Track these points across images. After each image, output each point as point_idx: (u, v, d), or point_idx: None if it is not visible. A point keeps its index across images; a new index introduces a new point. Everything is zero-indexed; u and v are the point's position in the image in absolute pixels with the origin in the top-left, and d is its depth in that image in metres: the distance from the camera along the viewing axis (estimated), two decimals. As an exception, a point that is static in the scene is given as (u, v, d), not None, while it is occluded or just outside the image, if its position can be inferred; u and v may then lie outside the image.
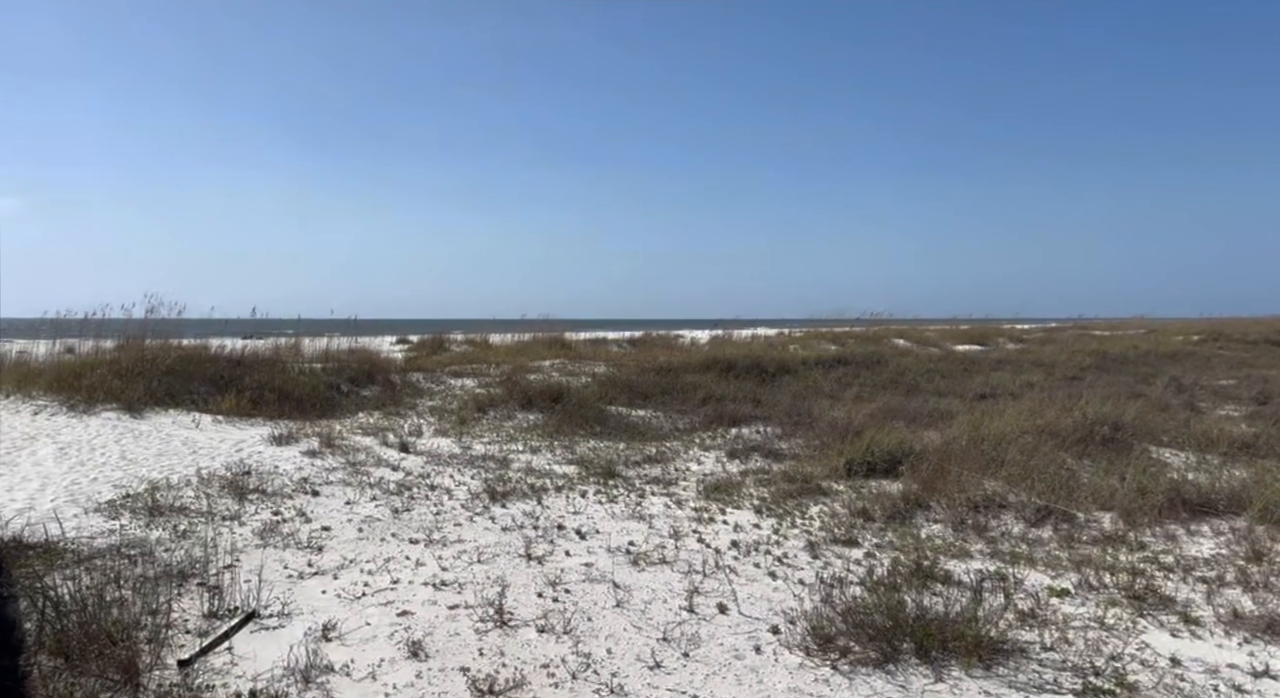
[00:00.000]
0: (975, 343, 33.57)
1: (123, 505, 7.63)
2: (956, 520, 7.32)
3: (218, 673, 4.27)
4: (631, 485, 9.02)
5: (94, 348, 16.26)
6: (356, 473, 9.35)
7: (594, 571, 6.09)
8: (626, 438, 12.05)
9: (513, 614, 5.14)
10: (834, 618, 4.81)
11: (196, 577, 5.68)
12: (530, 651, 4.65)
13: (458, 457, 10.60)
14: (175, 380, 14.08)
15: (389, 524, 7.31)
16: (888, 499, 7.85)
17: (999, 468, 8.53)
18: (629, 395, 15.68)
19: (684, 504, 8.18)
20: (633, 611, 5.29)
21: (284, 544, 6.61)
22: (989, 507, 7.59)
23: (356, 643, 4.71)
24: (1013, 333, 39.21)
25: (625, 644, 4.76)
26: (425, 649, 4.61)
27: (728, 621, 5.13)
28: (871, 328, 33.85)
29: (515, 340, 26.25)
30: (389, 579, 5.82)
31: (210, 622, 4.92)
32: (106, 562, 5.86)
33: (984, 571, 6.02)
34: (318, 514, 7.57)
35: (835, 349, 25.67)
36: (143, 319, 16.96)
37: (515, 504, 8.10)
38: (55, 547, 6.18)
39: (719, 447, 11.43)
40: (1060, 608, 5.35)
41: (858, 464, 9.19)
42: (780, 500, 8.18)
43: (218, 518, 7.33)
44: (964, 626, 4.60)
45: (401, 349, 25.53)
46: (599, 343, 27.62)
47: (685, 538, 6.97)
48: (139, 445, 10.67)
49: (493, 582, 5.73)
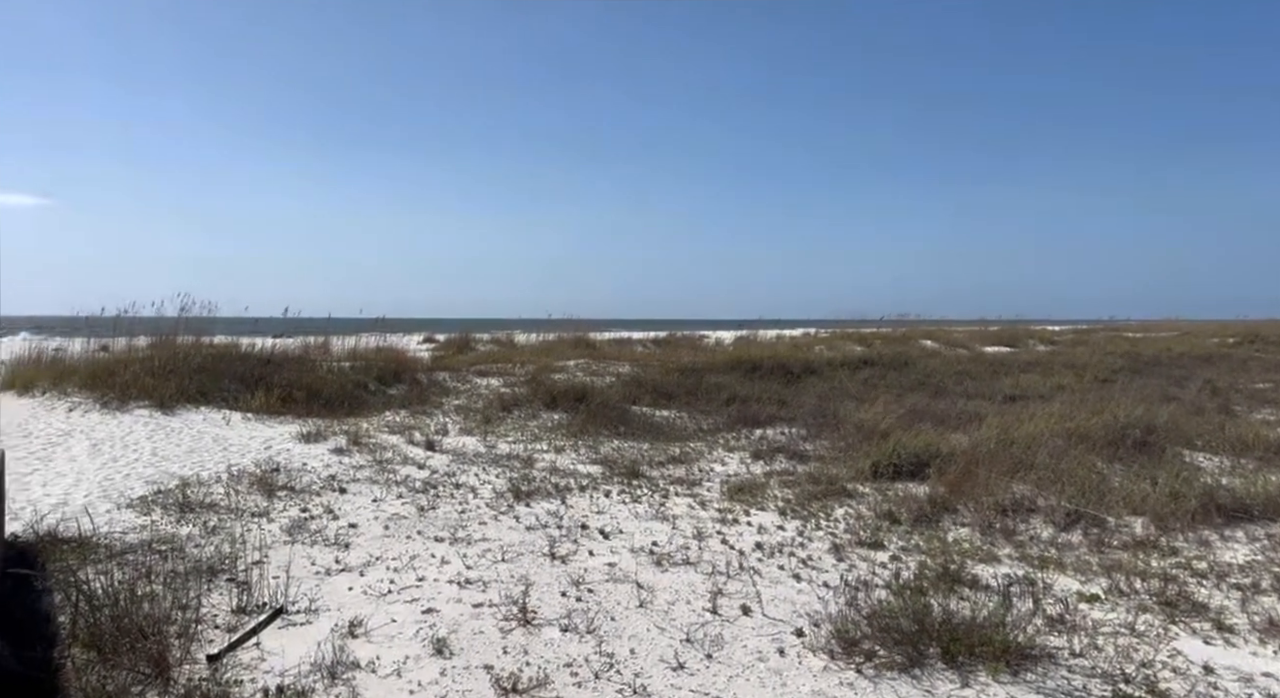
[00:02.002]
0: (1004, 344, 33.18)
1: (154, 501, 7.76)
2: (984, 524, 7.25)
3: (246, 668, 4.33)
4: (655, 486, 9.02)
5: (127, 346, 16.54)
6: (383, 471, 9.44)
7: (617, 570, 6.09)
8: (650, 438, 12.05)
9: (536, 613, 5.16)
10: (859, 621, 4.77)
11: (226, 573, 5.77)
12: (554, 650, 4.66)
13: (483, 455, 10.66)
14: (206, 378, 14.29)
15: (415, 522, 7.37)
16: (914, 502, 7.79)
17: (1028, 471, 8.44)
18: (653, 396, 15.68)
19: (708, 505, 8.16)
20: (656, 611, 5.29)
21: (311, 541, 6.69)
22: (1017, 510, 7.51)
23: (382, 640, 4.75)
24: (1043, 334, 38.73)
25: (648, 645, 4.76)
26: (450, 647, 4.64)
27: (751, 622, 5.12)
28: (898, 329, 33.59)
29: (540, 340, 26.37)
30: (414, 577, 5.86)
31: (239, 617, 4.99)
32: (138, 557, 5.98)
33: (1012, 575, 5.95)
34: (345, 512, 7.64)
35: (861, 350, 25.50)
36: (175, 317, 17.25)
37: (539, 503, 8.13)
38: (89, 542, 6.30)
39: (743, 448, 11.40)
40: (1090, 614, 5.27)
41: (884, 466, 9.12)
42: (805, 502, 8.14)
43: (247, 515, 7.43)
44: (991, 631, 4.55)
45: (428, 348, 25.74)
46: (623, 343, 27.65)
47: (709, 539, 6.96)
48: (170, 442, 10.85)
49: (517, 581, 5.76)
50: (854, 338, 30.98)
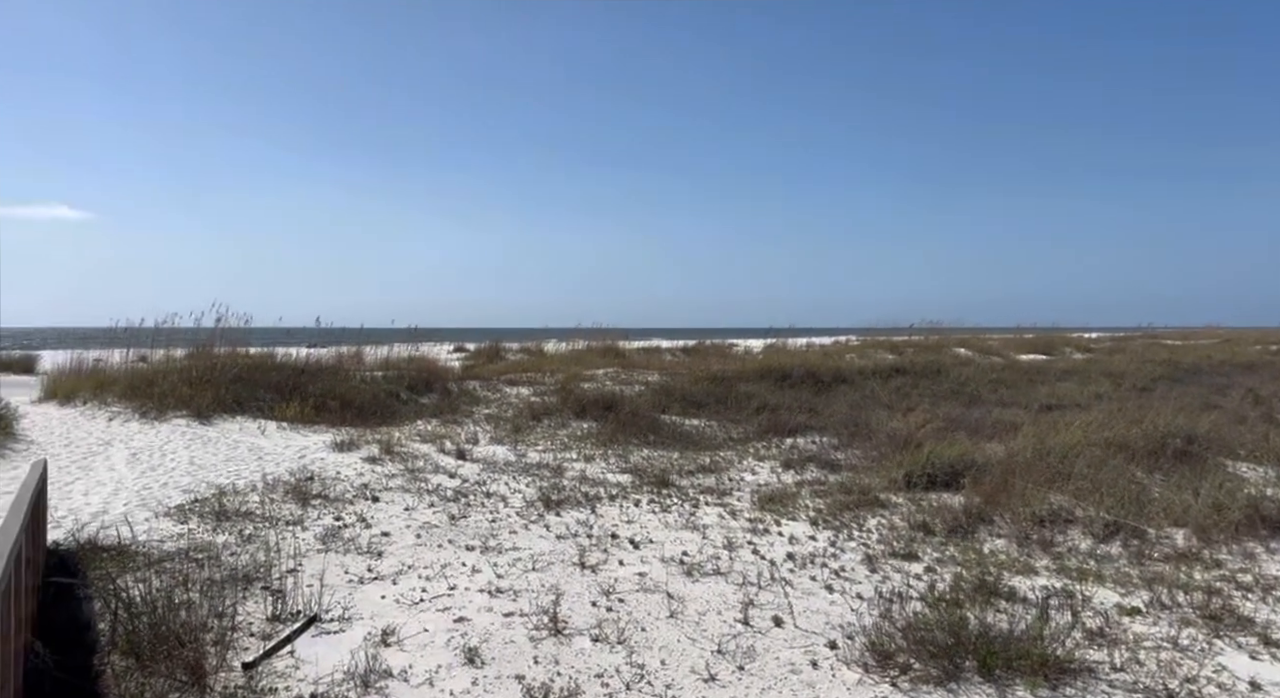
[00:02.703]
0: (1040, 352, 32.70)
1: (191, 510, 7.88)
2: (1021, 535, 7.13)
3: (280, 676, 4.37)
4: (685, 495, 8.99)
5: (165, 356, 16.87)
6: (415, 479, 9.51)
7: (647, 580, 6.07)
8: (680, 447, 12.02)
9: (567, 623, 5.16)
10: (894, 634, 4.71)
11: (261, 581, 5.84)
12: (584, 660, 4.65)
13: (513, 464, 10.70)
14: (242, 388, 14.53)
15: (446, 531, 7.41)
16: (949, 513, 7.68)
17: (1065, 482, 8.29)
18: (682, 404, 15.65)
19: (738, 515, 8.11)
20: (687, 622, 5.26)
21: (345, 549, 6.75)
22: (1055, 521, 7.37)
23: (415, 648, 4.78)
24: (1079, 342, 38.15)
25: (679, 656, 4.73)
26: (481, 656, 4.65)
27: (783, 634, 5.07)
28: (931, 337, 33.17)
29: (569, 349, 26.47)
30: (446, 585, 5.89)
31: (273, 625, 5.04)
32: (175, 565, 6.07)
33: (1050, 587, 5.84)
34: (378, 520, 7.71)
35: (893, 359, 25.27)
36: (212, 328, 17.56)
37: (569, 513, 8.14)
38: (127, 550, 6.42)
39: (774, 457, 11.33)
40: (1131, 627, 5.15)
41: (917, 476, 9.01)
42: (837, 512, 8.06)
43: (282, 523, 7.52)
44: (1029, 644, 4.47)
45: (458, 357, 25.96)
46: (652, 352, 27.71)
47: (740, 549, 6.92)
48: (207, 451, 11.03)
49: (547, 590, 5.76)
50: (885, 346, 30.68)
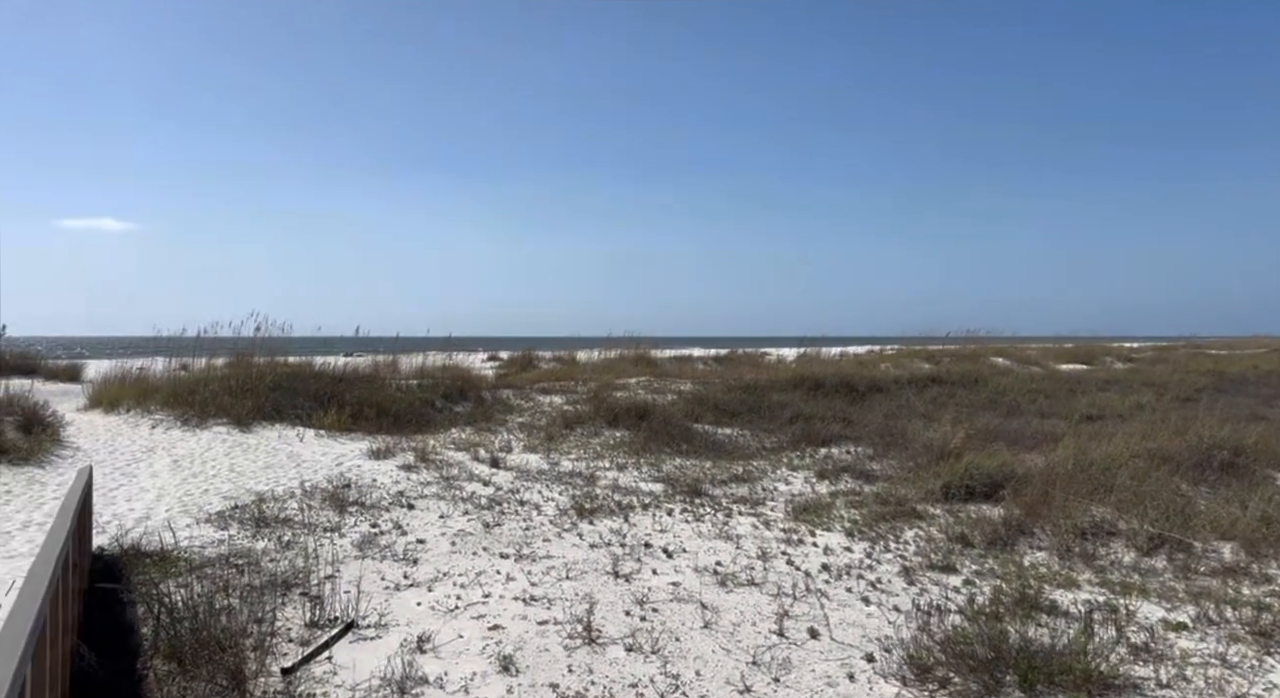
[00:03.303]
0: (1080, 362, 32.11)
1: (231, 516, 8.01)
2: (1062, 548, 6.99)
3: (318, 682, 4.42)
4: (718, 505, 8.94)
5: (206, 365, 17.18)
6: (449, 487, 9.58)
7: (681, 590, 6.05)
8: (713, 456, 11.98)
9: (601, 632, 5.15)
10: (932, 647, 4.64)
11: (299, 587, 5.91)
12: (619, 669, 4.64)
13: (546, 473, 10.73)
14: (281, 396, 14.75)
15: (480, 538, 7.45)
16: (988, 524, 7.55)
17: (1108, 494, 8.11)
18: (715, 413, 15.60)
19: (772, 525, 8.06)
20: (721, 632, 5.23)
21: (381, 556, 6.81)
22: (1097, 534, 7.22)
23: (450, 656, 4.80)
24: (1120, 352, 37.42)
25: (714, 667, 4.70)
26: (516, 664, 4.66)
27: (819, 646, 5.01)
28: (968, 346, 32.72)
29: (601, 358, 26.52)
30: (480, 593, 5.92)
31: (311, 631, 5.10)
32: (216, 570, 6.17)
33: (1093, 601, 5.72)
34: (413, 527, 7.77)
35: (929, 368, 24.97)
36: (251, 337, 17.84)
37: (603, 521, 8.14)
38: (169, 555, 6.54)
39: (808, 467, 11.24)
40: (1177, 643, 5.02)
41: (955, 487, 8.88)
42: (873, 523, 7.97)
43: (319, 529, 7.61)
44: (1072, 659, 4.37)
45: (492, 366, 26.14)
46: (684, 360, 27.64)
47: (774, 560, 6.86)
48: (247, 459, 11.21)
49: (581, 599, 5.76)
50: (921, 355, 30.35)
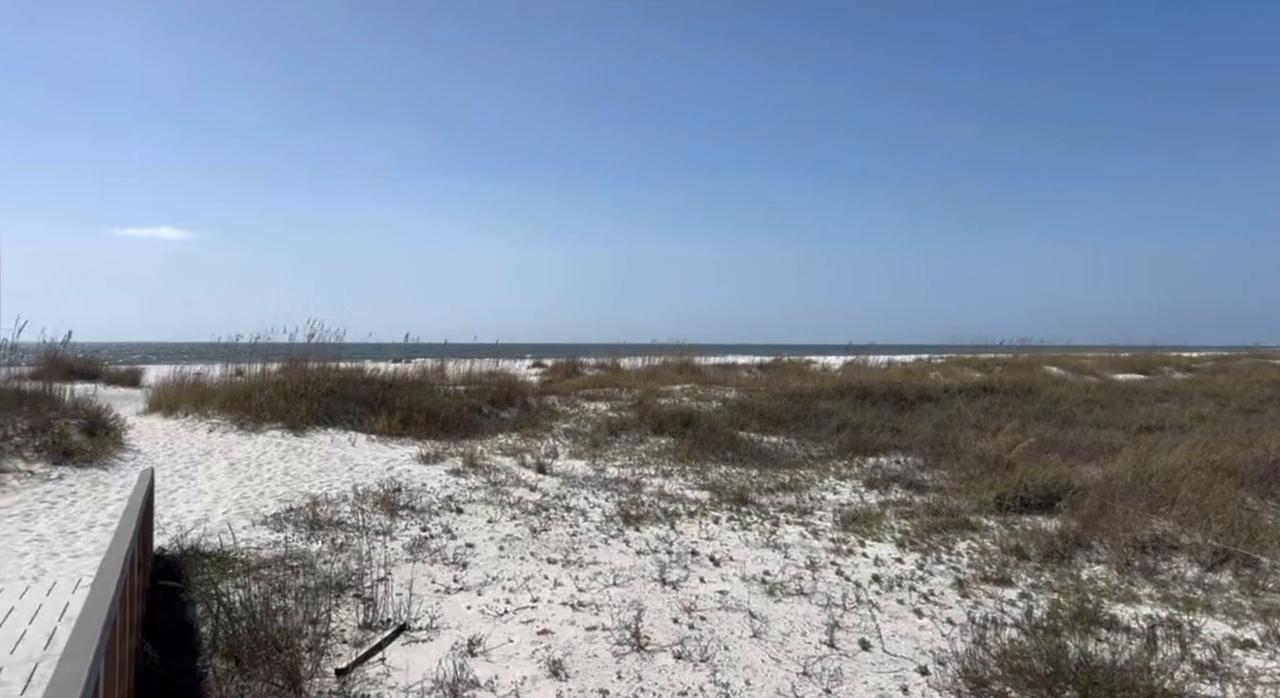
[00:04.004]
0: (1137, 372, 31.21)
1: (286, 518, 8.18)
2: (1122, 562, 6.79)
3: (372, 683, 4.47)
4: (765, 513, 8.87)
5: (261, 371, 17.59)
6: (497, 492, 9.66)
7: (729, 599, 6.01)
8: (759, 465, 11.89)
9: (649, 639, 5.14)
10: (988, 661, 4.54)
11: (352, 589, 6.00)
12: (667, 677, 4.62)
13: (592, 479, 10.76)
14: (334, 401, 15.02)
15: (528, 543, 7.49)
16: (1043, 537, 7.38)
17: (1169, 507, 7.87)
18: (760, 421, 15.50)
19: (820, 535, 7.97)
20: (770, 642, 5.18)
21: (431, 559, 6.89)
22: (1159, 548, 7.00)
23: (500, 659, 4.83)
24: (1179, 361, 36.25)
25: (764, 676, 4.66)
26: (565, 669, 4.67)
27: (871, 658, 4.94)
28: (1020, 355, 32.00)
29: (645, 365, 26.50)
30: (529, 598, 5.95)
31: (365, 633, 5.17)
32: (272, 572, 6.30)
33: (1155, 617, 5.55)
34: (462, 532, 7.85)
35: (980, 377, 24.47)
36: (305, 343, 18.22)
37: (649, 528, 8.13)
38: (227, 556, 6.69)
39: (856, 476, 11.10)
40: (1245, 661, 4.84)
41: (1009, 499, 8.69)
42: (924, 534, 7.83)
43: (371, 532, 7.73)
44: (1135, 675, 4.24)
45: (536, 373, 26.29)
46: (728, 368, 27.49)
47: (823, 570, 6.78)
48: (301, 462, 11.44)
49: (628, 605, 5.75)
50: (972, 364, 29.71)
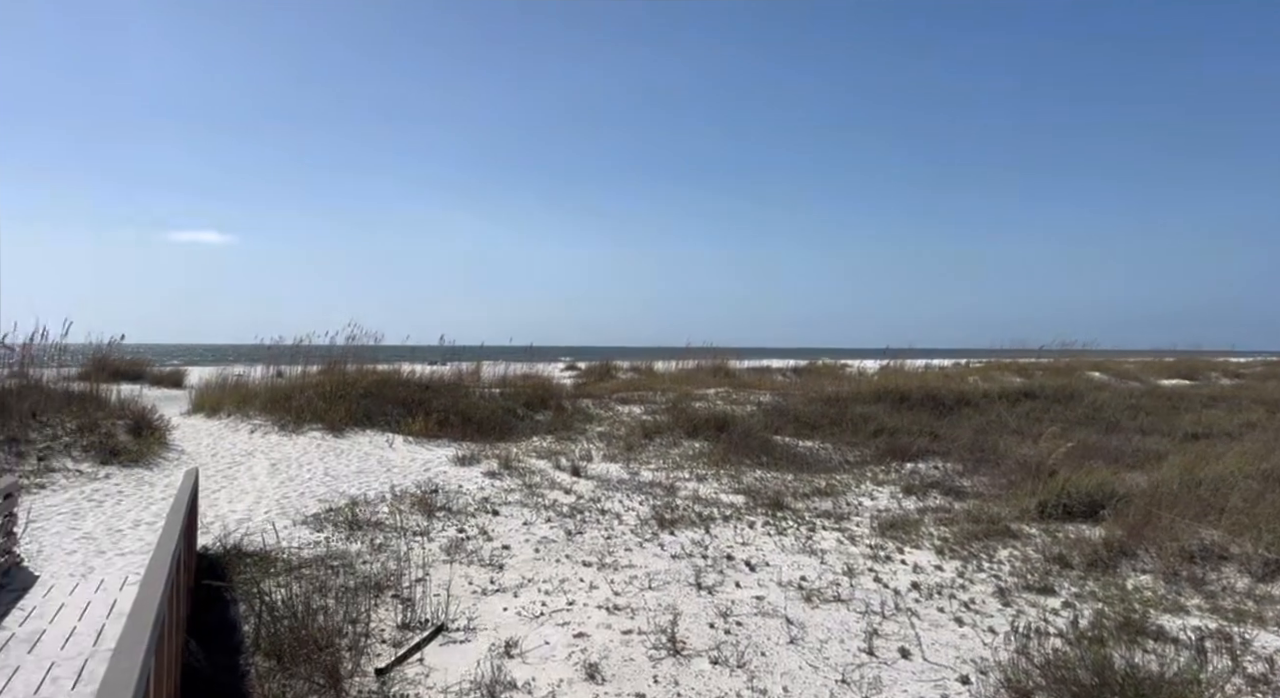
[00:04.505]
0: (1182, 377, 30.53)
1: (326, 519, 8.29)
2: (1169, 571, 6.63)
3: (410, 683, 4.51)
4: (801, 518, 8.81)
5: (301, 372, 17.87)
6: (532, 494, 9.70)
7: (765, 604, 5.97)
8: (794, 469, 11.81)
9: (685, 643, 5.12)
10: (1031, 671, 4.46)
11: (391, 589, 6.06)
12: (704, 682, 4.60)
13: (626, 482, 10.76)
14: (371, 403, 15.23)
15: (563, 546, 7.51)
16: (1087, 545, 7.23)
17: (1218, 516, 7.67)
18: (795, 426, 15.40)
19: (858, 541, 7.88)
20: (808, 648, 5.13)
21: (468, 561, 6.94)
22: (1207, 558, 6.83)
23: (537, 661, 4.84)
24: (1226, 367, 35.39)
25: (802, 683, 4.62)
26: (602, 673, 4.67)
27: (911, 666, 4.87)
28: (1061, 359, 31.42)
29: (679, 368, 26.48)
30: (565, 600, 5.96)
31: (403, 633, 5.22)
32: (313, 571, 6.38)
33: (1204, 628, 5.41)
34: (498, 533, 7.90)
35: (1021, 382, 24.07)
36: (344, 346, 18.48)
37: (683, 532, 8.11)
38: (269, 555, 6.79)
39: (893, 482, 10.97)
40: (1302, 677, 4.70)
41: (1052, 506, 8.53)
42: (964, 542, 7.72)
43: (409, 533, 7.80)
44: (1184, 688, 4.13)
45: (570, 375, 26.38)
46: (762, 372, 27.36)
47: (860, 576, 6.71)
48: (340, 463, 11.59)
49: (664, 609, 5.74)
50: (1012, 368, 29.25)
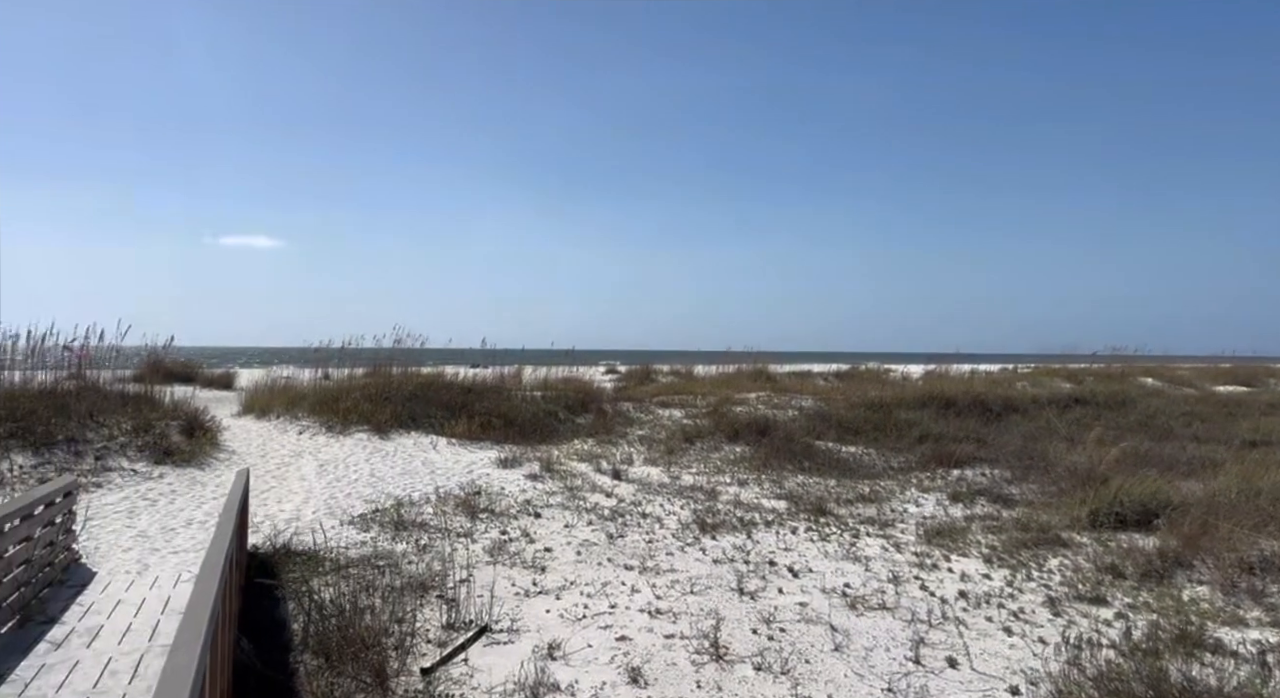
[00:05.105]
0: (1238, 383, 29.56)
1: (372, 519, 8.42)
2: (1226, 583, 6.43)
3: (455, 683, 4.56)
4: (844, 525, 8.72)
5: (348, 375, 18.18)
6: (574, 497, 9.75)
7: (809, 611, 5.92)
8: (837, 475, 11.70)
9: (728, 649, 5.10)
10: (1083, 683, 4.36)
11: (436, 589, 6.14)
12: (748, 688, 4.58)
13: (667, 486, 10.76)
14: (416, 405, 15.42)
15: (605, 549, 7.53)
16: (1140, 555, 7.04)
17: (1278, 526, 7.42)
18: (838, 431, 15.24)
19: (903, 548, 7.78)
20: (853, 656, 5.08)
21: (511, 563, 7.00)
22: (1267, 569, 6.61)
23: (579, 664, 4.86)
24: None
25: (847, 691, 4.57)
26: (644, 677, 4.67)
27: (959, 676, 4.79)
28: (1113, 365, 30.65)
29: (719, 372, 26.38)
30: (607, 604, 5.98)
31: (448, 633, 5.28)
32: (360, 571, 6.49)
33: (1264, 642, 5.23)
34: (540, 535, 7.95)
35: (1070, 387, 23.55)
36: (389, 349, 18.77)
37: (725, 537, 8.08)
38: (317, 555, 6.92)
39: (939, 489, 10.81)
40: (1372, 697, 4.52)
41: (1104, 515, 8.33)
42: (1013, 550, 7.57)
43: (453, 535, 7.89)
44: (1246, 706, 4.01)
45: (610, 379, 26.44)
46: (804, 376, 27.12)
47: (906, 584, 6.62)
48: (385, 464, 11.77)
49: (706, 614, 5.73)
50: (1061, 374, 28.58)
